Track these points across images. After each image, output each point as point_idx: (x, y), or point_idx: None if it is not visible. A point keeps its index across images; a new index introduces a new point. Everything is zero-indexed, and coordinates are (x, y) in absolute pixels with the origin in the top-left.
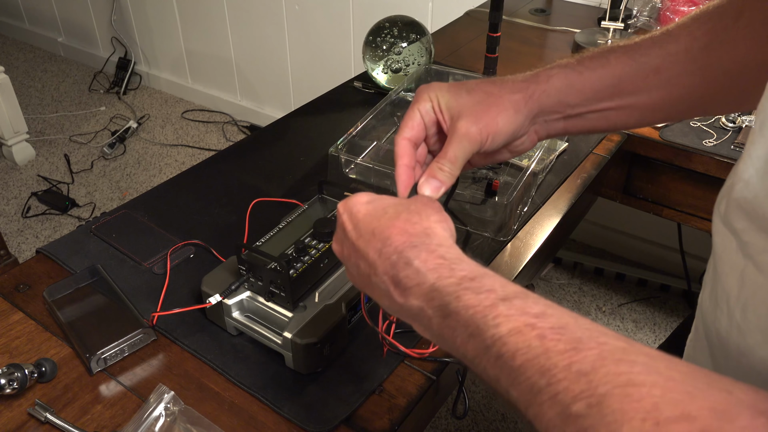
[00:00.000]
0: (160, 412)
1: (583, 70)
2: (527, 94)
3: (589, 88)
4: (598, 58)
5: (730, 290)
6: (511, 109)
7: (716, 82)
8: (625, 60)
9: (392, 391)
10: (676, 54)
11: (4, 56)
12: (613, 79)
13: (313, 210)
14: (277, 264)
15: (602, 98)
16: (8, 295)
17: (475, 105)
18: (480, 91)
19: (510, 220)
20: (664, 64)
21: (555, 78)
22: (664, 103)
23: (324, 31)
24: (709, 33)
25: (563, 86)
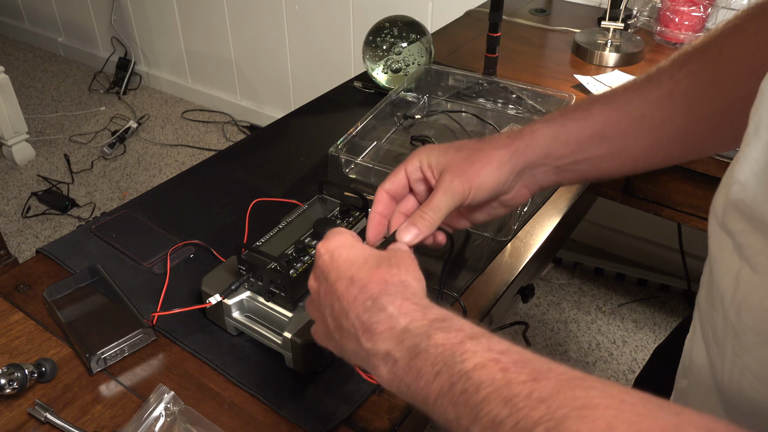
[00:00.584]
0: (160, 412)
1: (566, 122)
2: (511, 150)
3: (574, 139)
4: (580, 110)
5: (725, 291)
6: (495, 162)
7: (703, 122)
8: (608, 110)
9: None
10: (659, 99)
11: (4, 56)
12: (597, 128)
13: (313, 210)
14: (277, 264)
15: (588, 147)
16: (8, 295)
17: (461, 160)
18: (467, 148)
19: (510, 220)
20: (647, 110)
21: (539, 132)
22: (654, 148)
23: (324, 31)
24: (690, 74)
25: (547, 139)
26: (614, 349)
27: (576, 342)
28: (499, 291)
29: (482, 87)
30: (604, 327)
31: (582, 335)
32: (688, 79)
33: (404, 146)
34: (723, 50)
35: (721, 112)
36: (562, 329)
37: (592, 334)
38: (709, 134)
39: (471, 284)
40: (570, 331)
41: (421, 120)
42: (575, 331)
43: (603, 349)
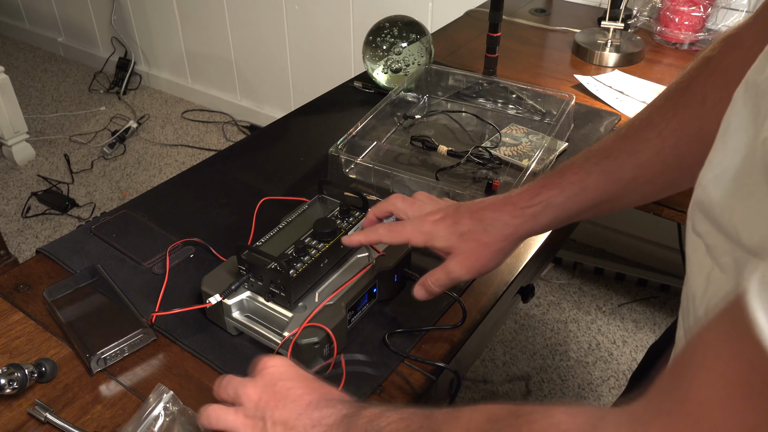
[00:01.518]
0: (159, 411)
1: (566, 200)
2: (516, 236)
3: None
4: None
5: (696, 291)
6: (499, 253)
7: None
8: (604, 181)
9: (392, 391)
10: (648, 160)
11: (4, 56)
12: (593, 200)
13: (313, 210)
14: (277, 264)
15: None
16: (8, 295)
17: (468, 251)
18: (473, 238)
19: None
20: (639, 173)
21: (542, 215)
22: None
23: (324, 31)
24: (677, 130)
25: (549, 219)
26: (614, 349)
27: (576, 342)
28: (499, 291)
29: (482, 87)
30: (604, 327)
31: (582, 335)
32: (675, 136)
33: (404, 146)
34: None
35: None
36: (562, 329)
37: (592, 334)
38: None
39: (471, 284)
40: (570, 331)
41: (421, 120)
42: (575, 331)
43: (603, 349)
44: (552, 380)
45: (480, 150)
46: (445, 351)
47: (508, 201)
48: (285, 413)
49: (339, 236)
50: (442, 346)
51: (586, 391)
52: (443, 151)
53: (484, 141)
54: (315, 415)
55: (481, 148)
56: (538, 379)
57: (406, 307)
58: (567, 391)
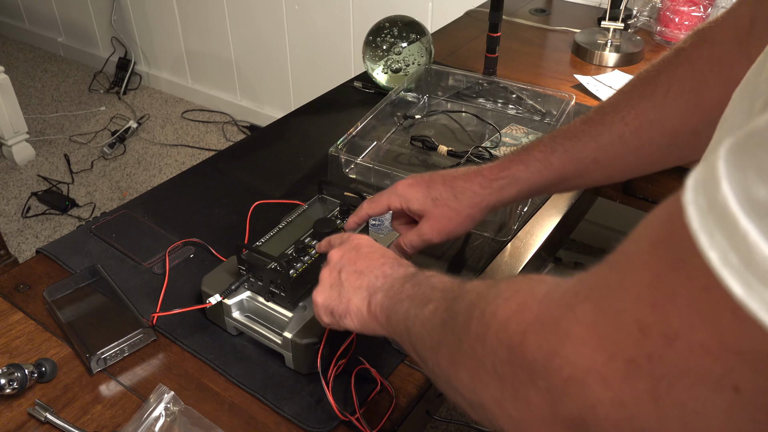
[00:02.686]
0: (160, 412)
1: (530, 175)
2: (483, 205)
3: (537, 186)
4: (542, 160)
5: None
6: (468, 219)
7: (651, 157)
8: (565, 160)
9: (392, 391)
10: (610, 143)
11: (4, 56)
12: (556, 176)
13: (313, 210)
14: (277, 264)
15: (548, 188)
16: (8, 295)
17: (440, 215)
18: (444, 204)
19: (510, 220)
20: (600, 155)
21: (507, 188)
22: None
23: (324, 31)
24: (639, 116)
25: (514, 192)
26: None
27: None
28: None
29: (482, 87)
30: None
31: None
32: (637, 121)
33: (404, 146)
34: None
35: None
36: None
37: None
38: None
39: None
40: None
41: (421, 120)
42: None
43: None
44: None
45: (480, 150)
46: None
47: (479, 173)
48: (360, 265)
49: None
50: None
51: None
52: (443, 151)
53: (484, 141)
54: (386, 269)
55: (481, 148)
56: None
57: None
58: None
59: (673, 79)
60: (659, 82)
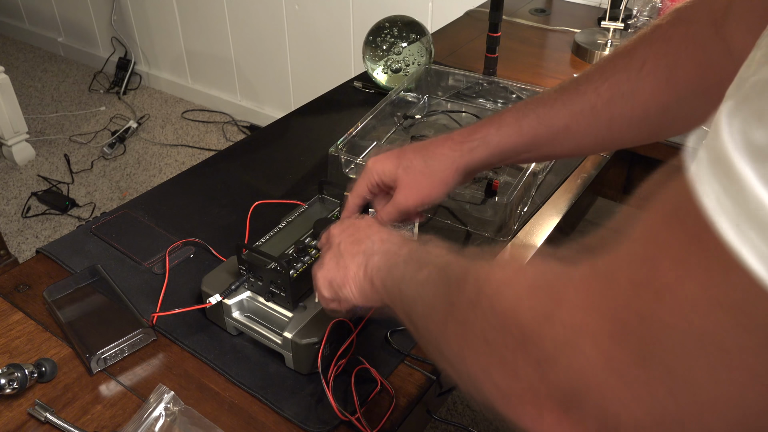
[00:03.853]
0: (160, 412)
1: (501, 138)
2: (454, 168)
3: (508, 150)
4: (513, 124)
5: None
6: (441, 184)
7: (621, 131)
8: (537, 125)
9: (392, 391)
10: (582, 112)
11: (4, 56)
12: (527, 142)
13: (313, 210)
14: (277, 264)
15: (519, 154)
16: (8, 295)
17: (411, 182)
18: (415, 170)
19: (510, 220)
20: (571, 122)
21: (477, 150)
22: (576, 150)
23: (324, 31)
24: (612, 87)
25: (485, 155)
26: None
27: None
28: None
29: (482, 87)
30: None
31: None
32: (610, 92)
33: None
34: (646, 62)
35: (636, 122)
36: None
37: None
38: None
39: None
40: None
41: (421, 120)
42: None
43: None
44: None
45: None
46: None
47: (449, 137)
48: (359, 235)
49: None
50: None
51: None
52: None
53: None
54: (383, 236)
55: None
56: None
57: None
58: None
59: (648, 54)
60: (634, 57)
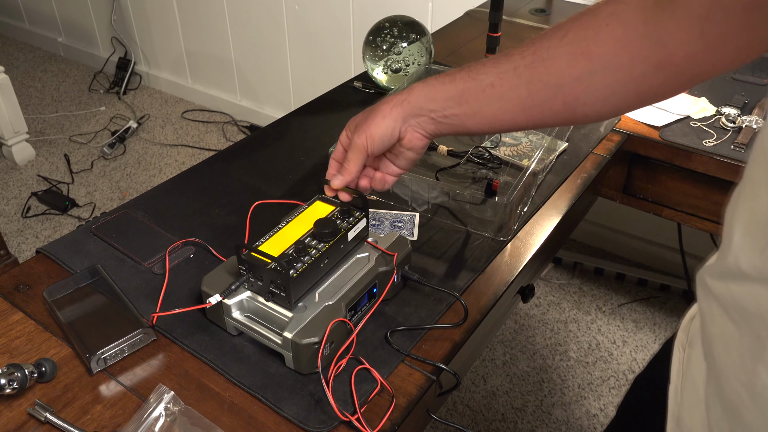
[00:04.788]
0: (160, 412)
1: (436, 84)
2: (393, 104)
3: (441, 98)
4: (449, 74)
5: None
6: (379, 117)
7: (539, 94)
8: (467, 77)
9: (392, 391)
10: (506, 72)
11: (4, 56)
12: (457, 92)
13: (313, 210)
14: (277, 264)
15: (451, 106)
16: (8, 295)
17: (362, 121)
18: (367, 113)
19: (510, 220)
20: (496, 80)
21: (417, 90)
22: (502, 112)
23: (324, 31)
24: (534, 52)
25: (421, 96)
26: (614, 349)
27: (576, 342)
28: (499, 291)
29: None
30: (604, 327)
31: (582, 335)
32: (533, 57)
33: None
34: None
35: (554, 87)
36: (562, 329)
37: (592, 334)
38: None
39: (471, 284)
40: (570, 331)
41: None
42: (575, 331)
43: (603, 349)
44: (552, 380)
45: (480, 150)
46: (446, 351)
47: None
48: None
49: (339, 236)
50: (443, 346)
51: (586, 391)
52: (443, 151)
53: (484, 141)
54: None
55: (481, 148)
56: (538, 379)
57: (407, 306)
58: (567, 391)
59: (573, 25)
60: (562, 27)
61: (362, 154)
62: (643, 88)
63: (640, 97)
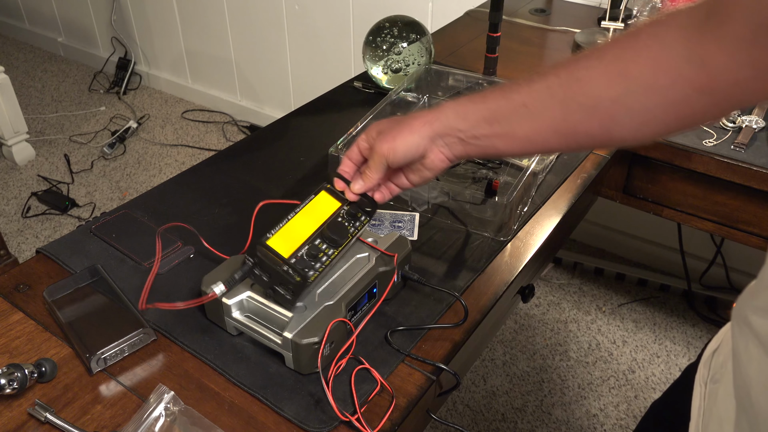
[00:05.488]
0: (160, 412)
1: (468, 103)
2: (424, 121)
3: (472, 118)
4: (481, 94)
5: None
6: (407, 130)
7: (574, 116)
8: (499, 96)
9: (392, 391)
10: (540, 91)
11: (4, 56)
12: (489, 111)
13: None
14: (291, 268)
15: (482, 126)
16: (8, 295)
17: (387, 131)
18: (395, 121)
19: (510, 220)
20: (529, 99)
21: (448, 109)
22: (535, 133)
23: (324, 31)
24: (570, 72)
25: (452, 114)
26: (614, 349)
27: (576, 342)
28: (499, 291)
29: (482, 87)
30: (604, 327)
31: (582, 335)
32: (566, 76)
33: None
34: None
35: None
36: (562, 329)
37: (592, 334)
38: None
39: (471, 284)
40: (570, 331)
41: None
42: (575, 331)
43: (603, 349)
44: (552, 380)
45: None
46: (446, 351)
47: None
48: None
49: (347, 242)
50: (443, 346)
51: (586, 391)
52: None
53: None
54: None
55: None
56: (538, 379)
57: (407, 306)
58: (567, 391)
59: (611, 46)
60: (600, 48)
61: (384, 163)
62: (684, 112)
63: (681, 121)
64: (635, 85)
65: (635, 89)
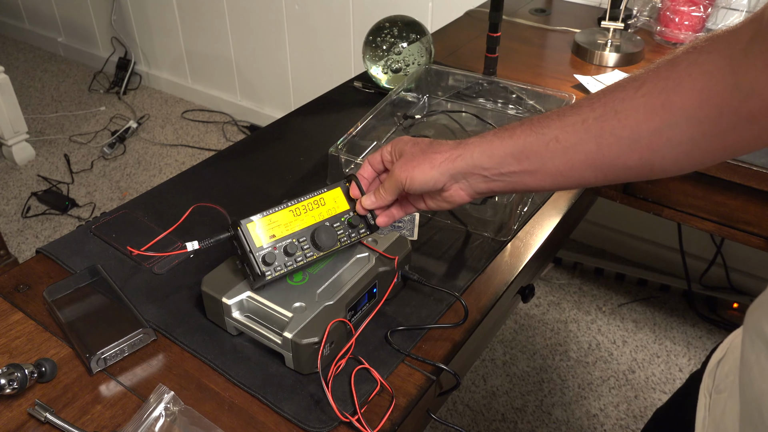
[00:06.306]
0: (160, 412)
1: (494, 139)
2: (446, 156)
3: (498, 155)
4: (510, 130)
5: None
6: (427, 164)
7: (611, 149)
8: (528, 131)
9: (392, 391)
10: (573, 124)
11: (4, 56)
12: (518, 147)
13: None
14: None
15: (510, 163)
16: (8, 295)
17: (411, 156)
18: (420, 148)
19: (510, 220)
20: (561, 134)
21: (471, 146)
22: (568, 168)
23: (324, 31)
24: (606, 104)
25: (478, 153)
26: (614, 349)
27: (576, 342)
28: (499, 291)
29: (482, 87)
30: (604, 327)
31: (582, 335)
32: (603, 108)
33: None
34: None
35: (628, 141)
36: (562, 329)
37: (592, 334)
38: (619, 160)
39: (471, 284)
40: (570, 331)
41: (421, 120)
42: (575, 331)
43: (603, 349)
44: (552, 380)
45: None
46: (446, 351)
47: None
48: None
49: (331, 250)
50: (443, 346)
51: (586, 391)
52: None
53: None
54: None
55: None
56: (538, 379)
57: (407, 306)
58: (567, 391)
59: (649, 75)
60: (637, 78)
61: (400, 189)
62: (731, 141)
63: (727, 150)
64: (678, 117)
65: (678, 121)
